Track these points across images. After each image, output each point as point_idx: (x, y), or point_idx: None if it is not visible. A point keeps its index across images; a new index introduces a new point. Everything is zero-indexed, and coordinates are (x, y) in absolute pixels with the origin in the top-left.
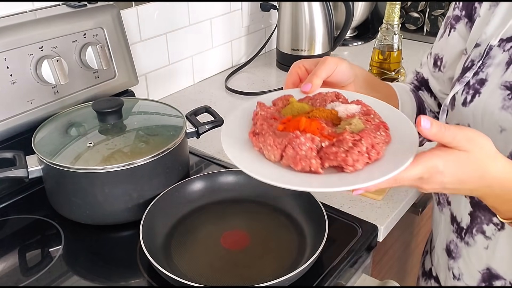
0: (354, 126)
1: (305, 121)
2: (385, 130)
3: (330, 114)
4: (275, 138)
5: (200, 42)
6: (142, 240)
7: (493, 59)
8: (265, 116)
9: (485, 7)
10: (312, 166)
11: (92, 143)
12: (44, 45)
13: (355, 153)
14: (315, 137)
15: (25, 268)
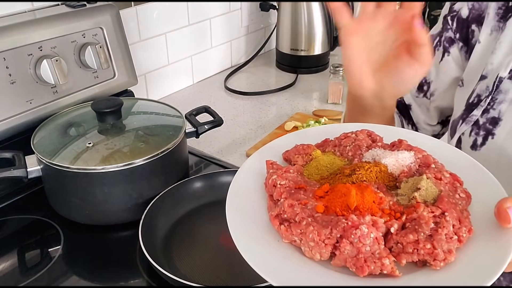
0: (425, 192)
1: (356, 192)
2: (461, 186)
3: (380, 171)
4: (319, 229)
5: (199, 42)
6: (142, 240)
7: (505, 93)
8: (288, 188)
9: (485, 32)
10: (386, 268)
11: (91, 143)
12: (43, 45)
13: (443, 239)
14: (378, 220)
15: (24, 268)
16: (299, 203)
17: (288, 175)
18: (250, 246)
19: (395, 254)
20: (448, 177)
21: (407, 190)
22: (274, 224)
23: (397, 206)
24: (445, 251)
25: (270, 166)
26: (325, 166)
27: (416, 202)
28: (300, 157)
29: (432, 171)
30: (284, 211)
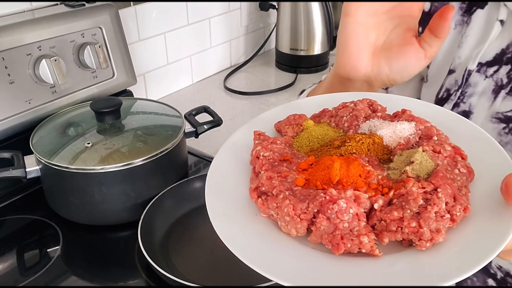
0: (419, 166)
1: (340, 165)
2: (464, 161)
3: (373, 143)
4: (296, 202)
5: (198, 41)
6: (141, 240)
7: (474, 86)
8: (272, 160)
9: (450, 27)
10: (364, 247)
11: (90, 143)
12: (42, 45)
13: (432, 217)
14: (361, 195)
15: (23, 268)
16: (278, 176)
17: (273, 147)
18: (224, 221)
19: (378, 232)
20: (449, 150)
21: (400, 164)
22: (252, 197)
23: (386, 181)
24: (433, 230)
25: (257, 137)
26: (317, 138)
27: (407, 176)
28: (291, 127)
29: (432, 144)
30: (263, 184)
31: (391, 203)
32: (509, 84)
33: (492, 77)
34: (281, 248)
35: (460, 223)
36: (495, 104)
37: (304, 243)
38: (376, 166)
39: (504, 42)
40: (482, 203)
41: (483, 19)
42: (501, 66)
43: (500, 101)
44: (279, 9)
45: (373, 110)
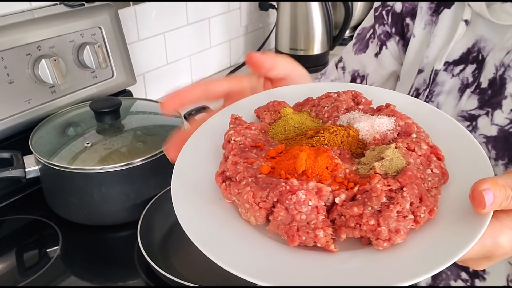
0: (389, 163)
1: (307, 156)
2: (439, 162)
3: (347, 136)
4: (256, 190)
5: (198, 41)
6: (140, 240)
7: (441, 85)
8: (242, 146)
9: (419, 26)
10: (319, 241)
11: (89, 143)
12: (42, 45)
13: (392, 216)
14: (323, 187)
15: (22, 268)
16: (244, 162)
17: (247, 132)
18: (186, 203)
19: (337, 227)
20: (425, 149)
21: (370, 159)
22: (217, 182)
23: (353, 175)
24: (392, 230)
25: (233, 120)
26: (293, 126)
27: (375, 172)
28: (269, 114)
29: (407, 141)
30: (228, 169)
31: (355, 198)
32: (474, 83)
33: (458, 76)
34: (236, 234)
35: (426, 225)
36: (461, 103)
37: (262, 232)
38: (347, 160)
39: (469, 41)
40: (452, 206)
41: (450, 19)
42: (467, 65)
43: (466, 100)
44: (278, 9)
45: (356, 102)
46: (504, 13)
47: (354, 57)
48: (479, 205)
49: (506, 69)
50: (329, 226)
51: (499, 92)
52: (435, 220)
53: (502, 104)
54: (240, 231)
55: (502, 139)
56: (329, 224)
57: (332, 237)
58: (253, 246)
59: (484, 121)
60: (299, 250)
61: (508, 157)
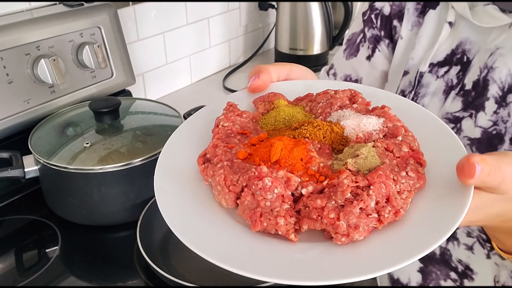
0: (363, 161)
1: (283, 146)
2: (417, 167)
3: (331, 132)
4: (228, 173)
5: (197, 41)
6: (139, 240)
7: (427, 87)
8: (228, 131)
9: (406, 28)
10: (280, 229)
11: (89, 143)
12: (41, 45)
13: (354, 212)
14: (292, 177)
15: (22, 268)
16: (225, 146)
17: (237, 119)
18: (166, 181)
19: (301, 218)
20: (404, 152)
21: (347, 156)
22: (198, 163)
23: (326, 169)
24: (351, 225)
25: (227, 107)
26: (283, 118)
27: (346, 168)
28: (263, 104)
29: (388, 142)
30: (208, 151)
31: (323, 192)
32: (458, 84)
33: (443, 77)
34: (206, 215)
35: (393, 226)
36: (446, 105)
37: (232, 216)
38: (325, 154)
39: (454, 43)
40: (424, 209)
41: (435, 21)
42: (451, 66)
43: (450, 102)
44: (278, 8)
45: (352, 101)
46: (486, 15)
47: (345, 62)
48: (468, 175)
49: (489, 71)
50: (293, 216)
51: (482, 93)
52: (403, 221)
53: (485, 106)
54: (210, 213)
55: (485, 141)
56: (293, 214)
57: (294, 227)
58: (218, 228)
59: (468, 123)
60: (262, 236)
61: None
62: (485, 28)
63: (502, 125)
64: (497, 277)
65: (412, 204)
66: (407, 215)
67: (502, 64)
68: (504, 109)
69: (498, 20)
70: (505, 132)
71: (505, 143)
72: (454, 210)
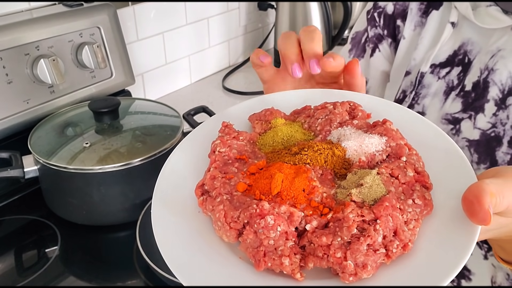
0: (367, 190)
1: (284, 177)
2: (423, 192)
3: (332, 155)
4: (228, 209)
5: (197, 41)
6: (139, 240)
7: (428, 88)
8: (225, 157)
9: (409, 28)
10: (285, 269)
11: (88, 143)
12: (40, 45)
13: (361, 250)
14: (295, 212)
15: (21, 268)
16: (222, 177)
17: (233, 143)
18: (163, 210)
19: (306, 255)
20: (410, 177)
21: (350, 184)
22: (196, 194)
23: (330, 200)
24: (359, 264)
25: (222, 128)
26: (282, 139)
27: (351, 200)
28: (260, 123)
29: (392, 166)
30: (206, 183)
31: (327, 225)
32: (459, 85)
33: (444, 78)
34: (206, 251)
35: (401, 258)
36: (446, 106)
37: (234, 251)
38: (328, 181)
39: (456, 44)
40: (429, 238)
41: (437, 21)
42: (453, 67)
43: (450, 103)
44: (277, 9)
45: (352, 115)
46: (488, 16)
47: None
48: (484, 222)
49: (490, 72)
50: (298, 253)
51: (482, 95)
52: (411, 254)
53: (485, 108)
54: (211, 248)
55: (484, 143)
56: (298, 251)
57: (300, 265)
58: (220, 266)
59: (467, 124)
60: (266, 274)
61: (489, 161)
62: (487, 29)
63: (501, 128)
64: (494, 277)
65: (420, 233)
66: (415, 246)
67: (503, 66)
68: (503, 111)
69: (501, 21)
70: (503, 134)
71: (503, 145)
72: (465, 238)
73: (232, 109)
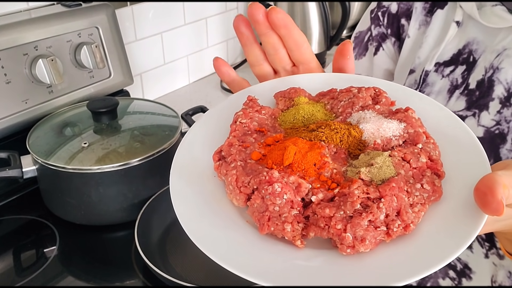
0: (377, 171)
1: (297, 150)
2: (434, 178)
3: (348, 135)
4: (240, 174)
5: (195, 41)
6: (137, 240)
7: (432, 86)
8: (246, 128)
9: (414, 26)
10: (286, 234)
11: (87, 143)
12: (39, 45)
13: (362, 224)
14: (302, 183)
15: (20, 268)
16: (239, 145)
17: (255, 115)
18: (182, 173)
19: (309, 224)
20: (422, 162)
21: (361, 163)
22: (213, 159)
23: (339, 176)
24: (357, 238)
25: (247, 102)
26: (302, 117)
27: (359, 178)
28: (283, 100)
29: (405, 151)
30: (223, 149)
31: (333, 199)
32: (463, 84)
33: (448, 77)
34: (216, 213)
35: (403, 239)
36: (449, 104)
37: (242, 214)
38: (341, 160)
39: (461, 42)
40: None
41: (442, 20)
42: (457, 66)
43: (454, 101)
44: None
45: (375, 101)
46: (494, 16)
47: (355, 62)
48: (497, 212)
49: (495, 71)
50: (301, 222)
51: (487, 93)
52: (413, 235)
53: (489, 106)
54: (221, 211)
55: (488, 140)
56: (301, 220)
57: (302, 233)
58: (227, 228)
59: (470, 122)
60: (269, 239)
61: (493, 158)
62: (493, 28)
63: (505, 125)
64: (495, 277)
65: (426, 217)
66: (419, 228)
67: (509, 65)
68: (508, 109)
69: (506, 21)
70: (507, 132)
71: (507, 142)
72: (468, 227)
73: (256, 87)
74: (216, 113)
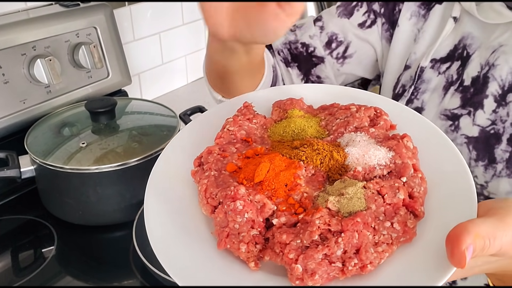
0: (346, 201)
1: (270, 167)
2: (407, 218)
3: (330, 158)
4: (210, 185)
5: (193, 41)
6: (135, 240)
7: (427, 83)
8: (232, 136)
9: (405, 15)
10: (240, 255)
11: (85, 143)
12: (37, 45)
13: (315, 258)
14: (267, 204)
15: (18, 268)
16: (218, 154)
17: (245, 124)
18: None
19: (267, 247)
20: (398, 199)
21: (334, 190)
22: (194, 164)
23: (308, 201)
24: (308, 271)
25: (241, 109)
26: (292, 131)
27: (325, 207)
28: (278, 110)
29: (383, 184)
30: (202, 155)
31: (296, 225)
32: (458, 80)
33: (444, 73)
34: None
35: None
36: (444, 101)
37: (209, 224)
38: (317, 183)
39: (456, 38)
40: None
41: (439, 16)
42: (453, 62)
43: (449, 98)
44: None
45: (373, 123)
46: (492, 11)
47: (336, 19)
48: (459, 264)
49: (491, 68)
50: (260, 243)
51: (481, 90)
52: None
53: (484, 104)
54: (187, 218)
55: (483, 139)
56: (260, 241)
57: (259, 255)
58: (189, 237)
59: (466, 121)
60: (228, 255)
61: (488, 158)
62: (490, 24)
63: (501, 125)
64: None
65: (392, 258)
66: (380, 270)
67: (504, 62)
68: (503, 108)
69: (504, 17)
70: (503, 132)
71: (502, 143)
72: (431, 279)
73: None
74: (212, 115)
